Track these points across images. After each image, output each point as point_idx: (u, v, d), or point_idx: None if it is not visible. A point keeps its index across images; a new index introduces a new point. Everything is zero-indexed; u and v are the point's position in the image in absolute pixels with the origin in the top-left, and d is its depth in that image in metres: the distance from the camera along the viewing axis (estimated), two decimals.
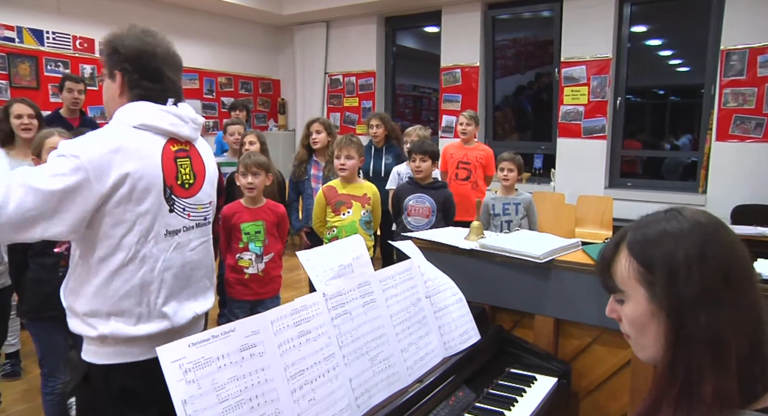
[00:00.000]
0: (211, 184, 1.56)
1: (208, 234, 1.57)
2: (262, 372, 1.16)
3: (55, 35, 5.48)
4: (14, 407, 2.87)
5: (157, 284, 1.41)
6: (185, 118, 1.46)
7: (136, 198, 1.34)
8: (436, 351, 1.59)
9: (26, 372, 3.26)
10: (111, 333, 1.37)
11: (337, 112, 7.27)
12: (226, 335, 1.14)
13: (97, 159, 1.28)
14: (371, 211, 3.22)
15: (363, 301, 1.44)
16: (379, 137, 4.41)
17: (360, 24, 6.94)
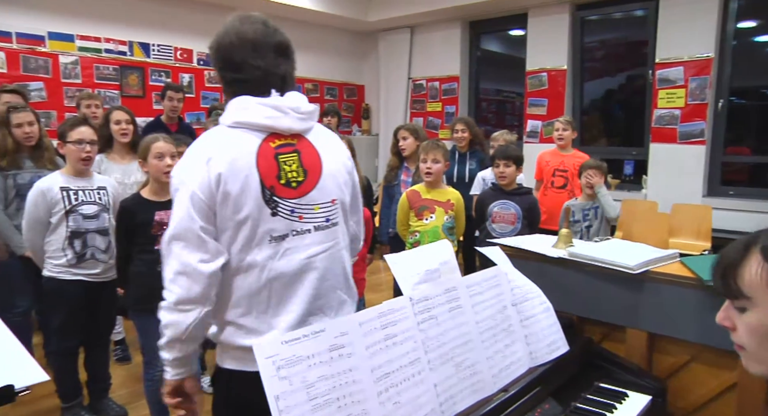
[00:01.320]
0: (333, 179, 1.39)
1: (335, 239, 1.40)
2: (350, 372, 1.18)
3: (159, 47, 5.88)
4: (119, 390, 3.12)
5: (265, 295, 1.31)
6: (284, 109, 1.31)
7: (232, 203, 1.27)
8: (522, 361, 1.55)
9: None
10: (226, 340, 1.34)
11: (420, 116, 7.30)
12: (317, 335, 1.17)
13: (194, 170, 1.27)
14: (454, 217, 3.20)
15: (449, 307, 1.43)
16: (464, 142, 4.38)
17: (444, 29, 6.94)
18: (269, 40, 1.35)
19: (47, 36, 5.14)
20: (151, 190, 2.53)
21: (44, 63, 5.14)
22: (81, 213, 2.67)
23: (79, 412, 2.82)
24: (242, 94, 1.32)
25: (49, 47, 5.16)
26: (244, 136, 1.29)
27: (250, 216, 1.27)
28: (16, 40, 4.98)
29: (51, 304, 2.74)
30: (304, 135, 1.37)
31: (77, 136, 2.67)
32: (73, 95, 5.21)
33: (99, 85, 5.42)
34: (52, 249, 2.66)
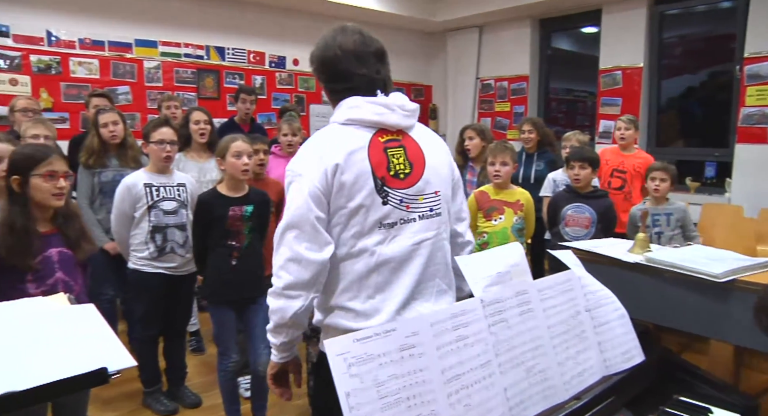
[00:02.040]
0: (436, 172, 1.48)
1: (438, 228, 1.47)
2: (420, 372, 1.19)
3: (234, 51, 6.11)
4: (194, 379, 3.27)
5: (373, 279, 1.39)
6: (392, 106, 1.42)
7: (347, 192, 1.36)
8: (595, 369, 1.51)
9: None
10: (333, 323, 1.41)
11: (487, 116, 7.21)
12: (388, 334, 1.19)
13: (313, 166, 1.36)
14: (524, 219, 3.14)
15: (520, 310, 1.41)
16: (531, 143, 4.29)
17: (514, 28, 6.82)
18: (368, 48, 1.45)
19: (134, 43, 5.46)
20: (227, 186, 2.65)
21: (131, 68, 5.45)
22: (162, 208, 2.82)
23: (159, 397, 2.98)
24: (346, 96, 1.43)
25: (136, 53, 5.48)
26: (356, 131, 1.40)
27: (363, 205, 1.36)
28: (108, 48, 5.32)
29: (134, 294, 2.92)
30: (407, 131, 1.46)
31: (159, 137, 2.82)
32: (155, 98, 5.50)
33: (178, 88, 5.69)
34: (136, 243, 2.82)
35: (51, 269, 1.95)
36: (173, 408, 2.97)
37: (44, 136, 2.96)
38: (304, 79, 6.59)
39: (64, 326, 1.46)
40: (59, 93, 5.08)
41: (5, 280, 1.86)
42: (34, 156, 1.95)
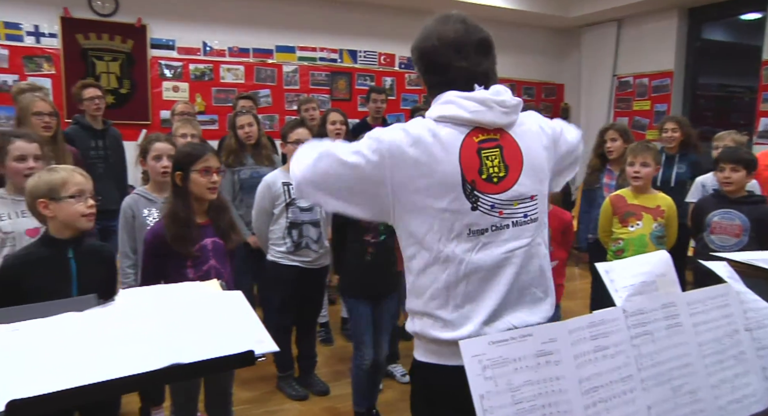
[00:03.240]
0: (534, 174, 1.35)
1: (533, 235, 1.36)
2: (556, 381, 1.15)
3: (366, 53, 6.31)
4: (323, 368, 3.44)
5: (462, 288, 1.29)
6: (489, 103, 1.29)
7: (433, 194, 1.26)
8: (759, 397, 1.36)
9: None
10: (421, 331, 1.35)
11: (624, 116, 6.78)
12: (524, 339, 1.16)
13: (396, 145, 1.26)
14: (665, 225, 2.92)
15: (667, 324, 1.31)
16: (673, 143, 3.97)
17: (657, 20, 6.33)
18: (470, 38, 1.35)
19: (275, 49, 5.85)
20: None
21: (271, 73, 5.85)
22: (298, 206, 2.99)
23: (291, 382, 3.17)
24: (443, 90, 1.34)
25: (276, 59, 5.87)
26: (449, 129, 1.29)
27: (449, 209, 1.27)
28: (252, 55, 5.75)
29: (271, 285, 3.13)
30: (506, 129, 1.35)
31: (295, 137, 2.99)
32: (293, 100, 5.85)
33: (313, 90, 6.01)
34: (275, 237, 3.02)
35: (206, 257, 2.16)
36: (303, 394, 3.14)
37: (191, 135, 3.25)
38: None
39: (216, 309, 1.60)
40: (210, 97, 5.58)
41: (171, 265, 2.09)
42: (192, 153, 2.17)
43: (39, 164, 2.34)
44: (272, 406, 3.07)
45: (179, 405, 2.22)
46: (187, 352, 1.31)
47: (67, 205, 1.88)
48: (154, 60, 5.35)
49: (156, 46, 5.35)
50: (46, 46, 4.96)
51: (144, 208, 2.57)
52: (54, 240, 1.92)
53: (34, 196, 1.89)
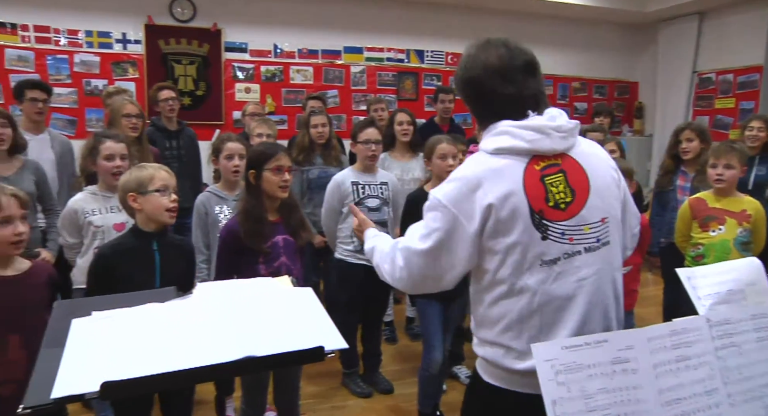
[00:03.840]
0: (601, 195, 1.32)
1: (606, 259, 1.32)
2: (633, 390, 1.11)
3: (433, 53, 6.30)
4: (388, 366, 3.46)
5: (537, 320, 1.27)
6: (546, 130, 1.28)
7: (502, 229, 1.25)
8: None
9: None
10: (492, 359, 1.33)
11: (705, 114, 6.42)
12: (599, 344, 1.13)
13: (462, 199, 1.27)
14: (752, 231, 2.75)
15: (757, 336, 1.24)
16: (758, 142, 3.72)
17: (744, 11, 5.95)
18: (515, 62, 1.31)
19: (343, 50, 5.94)
20: (434, 186, 2.75)
21: (339, 74, 5.94)
22: (366, 205, 3.03)
23: (356, 379, 3.22)
24: (498, 120, 1.31)
25: (344, 60, 5.95)
26: (507, 161, 1.28)
27: (520, 242, 1.25)
28: (321, 56, 5.87)
29: (338, 283, 3.18)
30: (567, 152, 1.32)
31: (365, 137, 3.03)
32: (360, 100, 5.92)
33: (380, 90, 6.05)
34: (342, 236, 3.07)
35: (277, 253, 2.22)
36: (368, 392, 3.18)
37: (266, 135, 3.35)
38: None
39: (288, 305, 1.64)
40: (280, 98, 5.74)
41: (243, 261, 2.17)
42: (265, 152, 2.24)
43: (125, 163, 2.50)
44: (337, 402, 3.12)
45: (250, 396, 2.30)
46: (260, 345, 1.35)
47: (153, 199, 2.00)
48: (228, 62, 5.56)
49: (230, 49, 5.56)
50: (132, 52, 5.25)
51: (216, 205, 2.68)
52: (141, 233, 2.04)
53: (125, 190, 2.02)
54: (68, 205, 2.52)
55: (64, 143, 3.53)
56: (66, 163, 3.46)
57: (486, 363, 1.36)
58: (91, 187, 2.55)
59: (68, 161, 3.49)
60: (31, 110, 3.38)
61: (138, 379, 1.21)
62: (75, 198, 2.53)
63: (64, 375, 1.20)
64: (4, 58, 4.87)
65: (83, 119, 5.12)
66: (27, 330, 1.75)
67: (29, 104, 3.36)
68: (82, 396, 1.17)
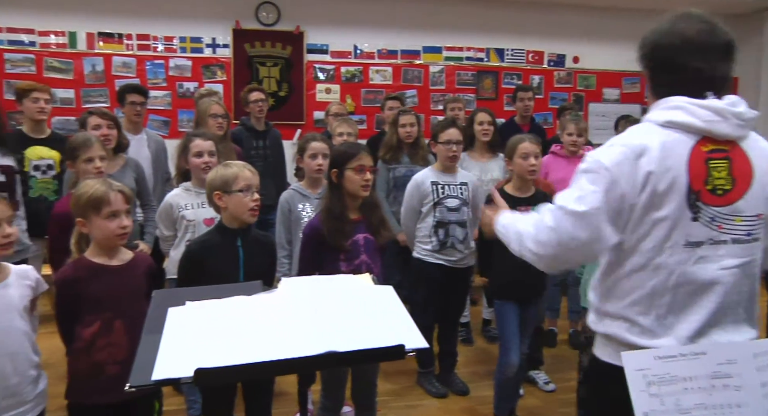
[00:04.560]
0: (762, 191, 1.29)
1: (752, 255, 1.30)
2: (737, 409, 1.04)
3: (513, 51, 6.17)
4: (463, 368, 3.43)
5: (668, 298, 1.26)
6: (725, 113, 1.26)
7: (656, 202, 1.25)
8: None
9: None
10: (614, 333, 1.32)
11: None
12: (696, 357, 1.07)
13: (626, 164, 1.26)
14: None
15: None
16: None
17: None
18: (716, 40, 1.30)
19: (422, 50, 5.94)
20: (514, 186, 2.76)
21: (418, 73, 5.95)
22: (446, 205, 3.01)
23: (431, 379, 3.21)
24: (674, 95, 1.30)
25: (423, 60, 5.96)
26: (677, 136, 1.27)
27: (669, 217, 1.25)
28: (400, 56, 5.91)
29: (416, 282, 3.18)
30: (738, 142, 1.29)
31: (446, 137, 3.01)
32: (438, 100, 5.90)
33: (458, 90, 6.00)
34: (421, 235, 3.08)
35: (358, 251, 2.26)
36: (443, 392, 3.16)
37: (347, 134, 3.41)
38: (583, 77, 6.32)
39: (369, 302, 1.67)
40: (360, 98, 5.82)
41: (325, 258, 2.23)
42: (347, 152, 2.28)
43: (213, 159, 2.63)
44: (412, 400, 3.13)
45: (329, 390, 2.35)
46: (342, 341, 1.38)
47: (236, 198, 2.09)
48: (310, 64, 5.71)
49: (311, 51, 5.71)
50: (220, 56, 5.51)
51: (299, 202, 2.76)
52: (226, 229, 2.15)
53: (211, 188, 2.13)
54: (165, 199, 2.69)
55: (159, 142, 3.78)
56: (160, 161, 3.70)
57: (606, 341, 1.35)
58: (185, 183, 2.71)
59: (162, 159, 3.73)
60: (131, 112, 3.65)
61: (228, 368, 1.27)
62: (171, 193, 2.70)
63: (163, 359, 1.27)
64: (112, 65, 5.28)
65: (176, 120, 5.44)
66: (129, 316, 1.87)
67: (129, 107, 3.64)
68: (178, 380, 1.24)
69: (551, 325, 3.90)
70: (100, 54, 5.25)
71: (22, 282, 1.85)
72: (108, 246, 1.94)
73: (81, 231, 1.95)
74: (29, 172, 3.16)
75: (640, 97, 6.50)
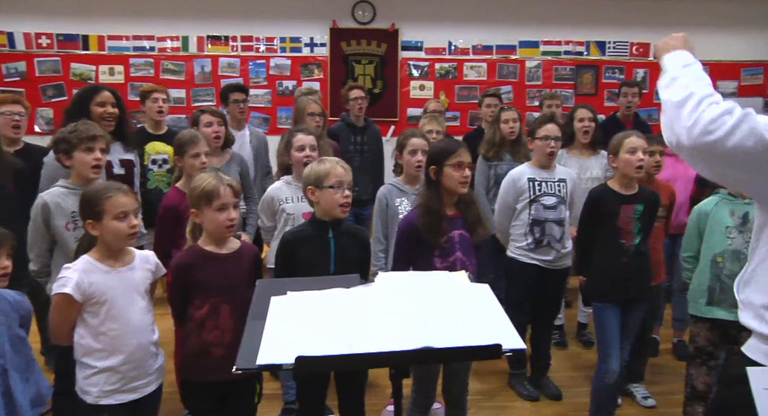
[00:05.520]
0: None
1: None
2: None
3: (615, 44, 5.87)
4: (556, 372, 3.32)
5: None
6: None
7: None
8: None
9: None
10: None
11: None
12: None
13: None
14: None
15: None
16: None
17: None
18: None
19: (518, 45, 5.80)
20: (618, 183, 2.64)
21: (513, 69, 5.82)
22: (542, 203, 2.93)
23: (523, 381, 3.14)
24: None
25: (519, 54, 5.81)
26: None
27: None
28: (495, 52, 5.80)
29: (510, 281, 3.13)
30: None
31: (544, 133, 2.93)
32: (534, 96, 5.74)
33: (556, 85, 5.80)
34: (516, 233, 3.01)
35: (453, 248, 2.25)
36: (535, 395, 3.08)
37: (436, 132, 3.39)
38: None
39: (465, 300, 1.66)
40: (454, 95, 5.78)
41: (420, 253, 2.24)
42: (446, 149, 2.28)
43: (314, 154, 2.72)
44: (502, 401, 3.07)
45: (420, 385, 2.35)
46: (438, 337, 1.38)
47: (328, 194, 2.15)
48: (404, 61, 5.74)
49: (406, 48, 5.73)
50: (318, 55, 5.68)
51: (397, 197, 2.79)
52: (319, 222, 2.21)
53: (306, 183, 2.20)
54: (267, 191, 2.82)
55: (261, 138, 3.97)
56: (261, 156, 3.89)
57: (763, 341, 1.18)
58: (286, 176, 2.82)
59: (263, 154, 3.92)
60: (234, 110, 3.86)
61: (327, 357, 1.31)
62: (273, 186, 2.83)
63: (266, 345, 1.33)
64: (218, 66, 5.60)
65: (275, 117, 5.68)
66: (234, 301, 1.99)
67: (233, 105, 3.85)
68: (280, 366, 1.30)
69: (654, 333, 3.69)
70: (209, 56, 5.59)
71: (144, 265, 2.02)
72: (217, 237, 2.06)
73: (194, 221, 2.09)
74: (148, 166, 3.42)
75: (763, 89, 5.96)
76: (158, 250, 2.50)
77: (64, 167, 2.40)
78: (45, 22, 5.42)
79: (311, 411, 2.28)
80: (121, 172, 2.97)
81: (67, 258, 2.11)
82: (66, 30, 5.45)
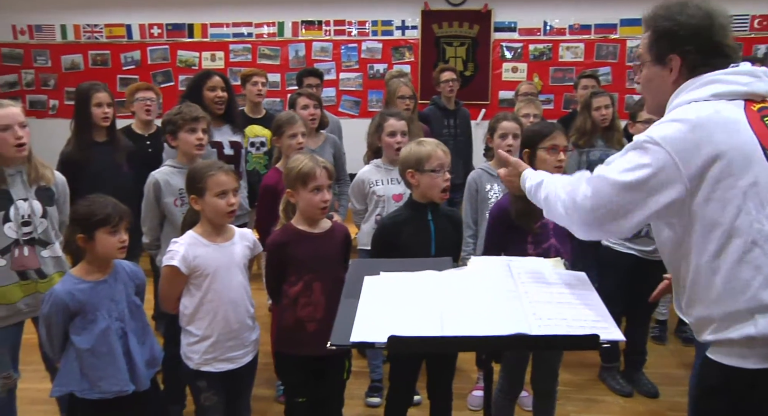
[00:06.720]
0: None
1: None
2: None
3: (734, 18, 5.36)
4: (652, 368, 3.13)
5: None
6: (758, 74, 1.32)
7: (736, 172, 1.22)
8: None
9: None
10: (759, 333, 1.21)
11: None
12: None
13: (679, 139, 1.25)
14: None
15: None
16: None
17: None
18: (726, 15, 1.36)
19: (619, 23, 5.47)
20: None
21: (613, 49, 5.50)
22: None
23: (615, 375, 3.02)
24: (707, 72, 1.32)
25: (620, 34, 5.48)
26: (727, 105, 1.29)
27: (758, 182, 1.22)
28: (594, 31, 5.51)
29: (604, 270, 2.99)
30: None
31: (647, 117, 2.76)
32: (632, 78, 5.40)
33: None
34: None
35: (547, 235, 2.18)
36: (628, 391, 2.95)
37: (533, 115, 3.28)
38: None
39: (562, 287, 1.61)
40: (548, 77, 5.57)
41: (512, 239, 2.19)
42: (541, 132, 2.21)
43: (405, 139, 2.73)
44: (593, 395, 2.98)
45: (509, 372, 2.31)
46: (533, 324, 1.35)
47: (429, 177, 2.15)
48: (497, 42, 5.59)
49: (499, 29, 5.58)
50: (409, 38, 5.65)
51: (487, 183, 2.75)
52: (417, 204, 2.23)
53: (405, 166, 2.21)
54: (357, 175, 2.86)
55: (334, 121, 3.98)
56: None
57: (746, 348, 1.24)
58: (376, 159, 2.85)
59: (337, 137, 3.96)
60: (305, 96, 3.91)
61: (419, 338, 1.33)
62: (363, 169, 2.87)
63: (360, 323, 1.36)
64: (312, 50, 5.74)
65: (366, 100, 5.74)
66: (326, 279, 2.06)
67: (306, 89, 3.91)
68: (373, 344, 1.33)
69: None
70: (303, 40, 5.73)
71: (243, 242, 2.13)
72: (310, 218, 2.13)
73: (289, 200, 2.17)
74: (247, 148, 3.58)
75: None
76: (259, 228, 2.63)
77: (170, 147, 2.57)
78: (156, 13, 5.80)
79: (401, 393, 2.31)
80: (230, 152, 3.14)
81: (175, 232, 2.27)
82: (174, 20, 5.80)
